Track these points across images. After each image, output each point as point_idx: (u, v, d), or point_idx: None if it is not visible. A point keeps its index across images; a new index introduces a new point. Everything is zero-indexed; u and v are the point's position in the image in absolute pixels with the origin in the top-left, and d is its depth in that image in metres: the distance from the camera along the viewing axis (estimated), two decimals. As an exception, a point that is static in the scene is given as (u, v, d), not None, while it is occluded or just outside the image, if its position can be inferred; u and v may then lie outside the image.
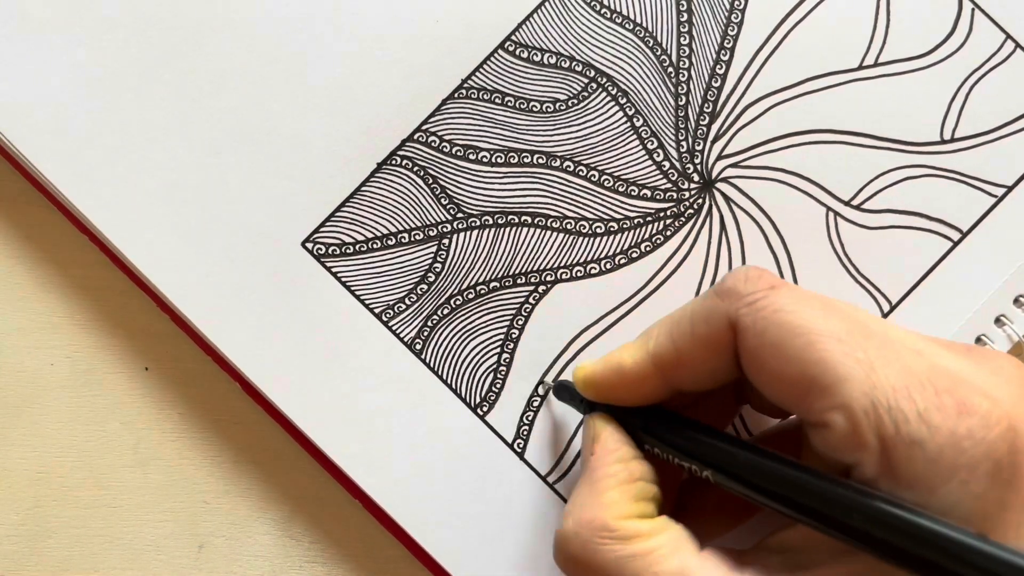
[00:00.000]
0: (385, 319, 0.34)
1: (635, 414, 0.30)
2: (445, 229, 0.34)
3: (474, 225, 0.34)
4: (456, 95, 0.35)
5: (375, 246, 0.34)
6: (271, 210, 0.34)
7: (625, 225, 0.34)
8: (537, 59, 0.35)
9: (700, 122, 0.35)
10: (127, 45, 0.35)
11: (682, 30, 0.35)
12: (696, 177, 0.35)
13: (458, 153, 0.35)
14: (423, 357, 0.34)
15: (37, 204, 0.36)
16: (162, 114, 0.35)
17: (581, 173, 0.35)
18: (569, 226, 0.34)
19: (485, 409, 0.34)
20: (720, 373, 0.28)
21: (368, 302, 0.34)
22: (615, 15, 0.35)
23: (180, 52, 0.35)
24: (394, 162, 0.35)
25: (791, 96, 0.35)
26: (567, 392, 0.32)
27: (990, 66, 0.35)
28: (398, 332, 0.34)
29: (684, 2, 0.35)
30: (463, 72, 0.35)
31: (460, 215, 0.34)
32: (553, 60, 0.35)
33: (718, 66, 0.35)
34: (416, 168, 0.35)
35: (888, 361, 0.25)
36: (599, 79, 0.35)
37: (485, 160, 0.35)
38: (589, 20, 0.35)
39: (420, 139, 0.35)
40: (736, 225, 0.34)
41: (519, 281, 0.34)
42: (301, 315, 0.34)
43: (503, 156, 0.35)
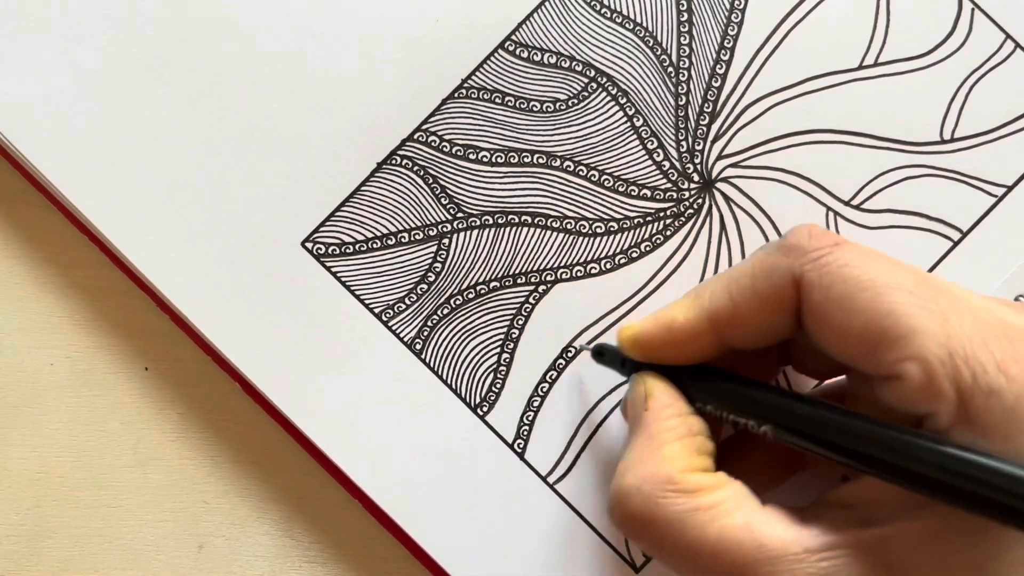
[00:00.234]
0: (385, 319, 0.34)
1: (684, 372, 0.29)
2: (445, 229, 0.34)
3: (474, 225, 0.34)
4: (456, 95, 0.35)
5: (375, 246, 0.34)
6: (271, 210, 0.34)
7: (625, 225, 0.34)
8: (537, 59, 0.35)
9: (700, 122, 0.35)
10: (127, 45, 0.35)
11: (682, 30, 0.35)
12: (696, 177, 0.35)
13: (458, 153, 0.35)
14: (423, 357, 0.34)
15: (37, 204, 0.36)
16: (162, 114, 0.35)
17: (581, 173, 0.35)
18: (569, 226, 0.34)
19: (485, 409, 0.34)
20: (777, 330, 0.28)
21: (368, 302, 0.34)
22: (615, 15, 0.35)
23: (180, 52, 0.35)
24: (394, 162, 0.35)
25: (791, 96, 0.35)
26: (607, 355, 0.32)
27: (990, 66, 0.35)
28: (398, 332, 0.34)
29: (684, 2, 0.35)
30: (463, 72, 0.35)
31: (460, 215, 0.34)
32: (553, 60, 0.35)
33: (718, 66, 0.35)
34: (416, 168, 0.35)
35: (960, 314, 0.25)
36: (599, 79, 0.35)
37: (485, 160, 0.35)
38: (589, 20, 0.35)
39: (420, 139, 0.35)
40: (736, 225, 0.34)
41: (519, 281, 0.34)
42: (301, 315, 0.34)
43: (503, 156, 0.35)
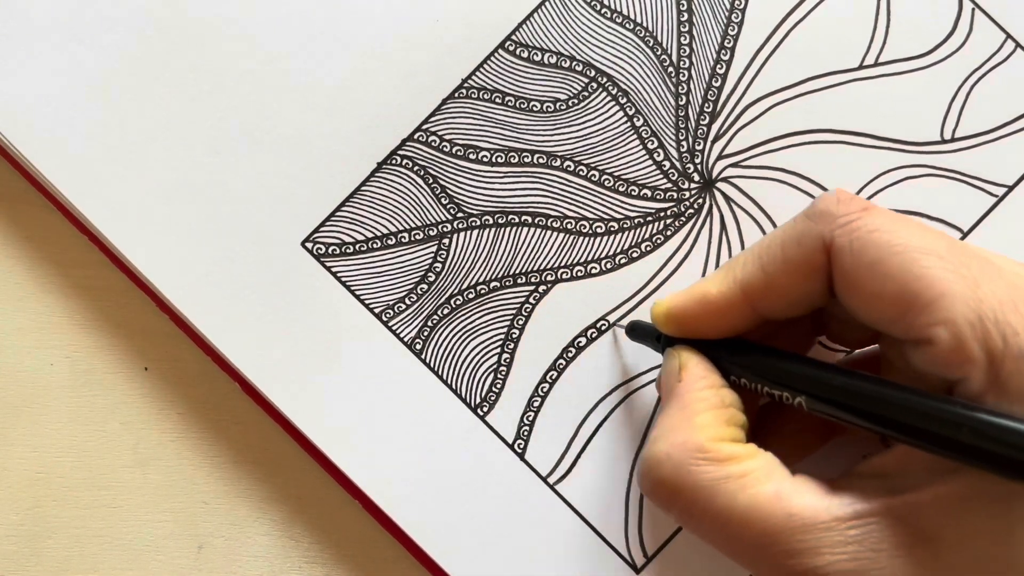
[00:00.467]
0: (385, 319, 0.34)
1: (718, 346, 0.29)
2: (445, 229, 0.34)
3: (474, 225, 0.34)
4: (456, 95, 0.35)
5: (375, 246, 0.34)
6: (271, 210, 0.34)
7: (625, 225, 0.34)
8: (537, 59, 0.35)
9: (700, 122, 0.35)
10: (127, 45, 0.35)
11: (682, 30, 0.35)
12: (696, 177, 0.35)
13: (458, 153, 0.35)
14: (423, 357, 0.34)
15: (37, 204, 0.36)
16: (162, 114, 0.35)
17: (581, 173, 0.35)
18: (569, 226, 0.34)
19: (485, 409, 0.34)
20: (810, 298, 0.28)
21: (368, 302, 0.34)
22: (615, 15, 0.35)
23: (180, 52, 0.35)
24: (394, 162, 0.35)
25: (791, 96, 0.35)
26: (640, 330, 0.32)
27: (990, 66, 0.35)
28: (398, 332, 0.34)
29: (684, 2, 0.35)
30: (463, 72, 0.35)
31: (460, 215, 0.34)
32: (553, 60, 0.35)
33: (718, 66, 0.35)
34: (416, 168, 0.35)
35: (991, 277, 0.25)
36: (599, 79, 0.35)
37: (485, 160, 0.35)
38: (589, 20, 0.35)
39: (420, 139, 0.35)
40: (736, 225, 0.34)
41: (519, 281, 0.34)
42: (301, 315, 0.34)
43: (503, 156, 0.35)
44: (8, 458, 0.35)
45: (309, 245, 0.34)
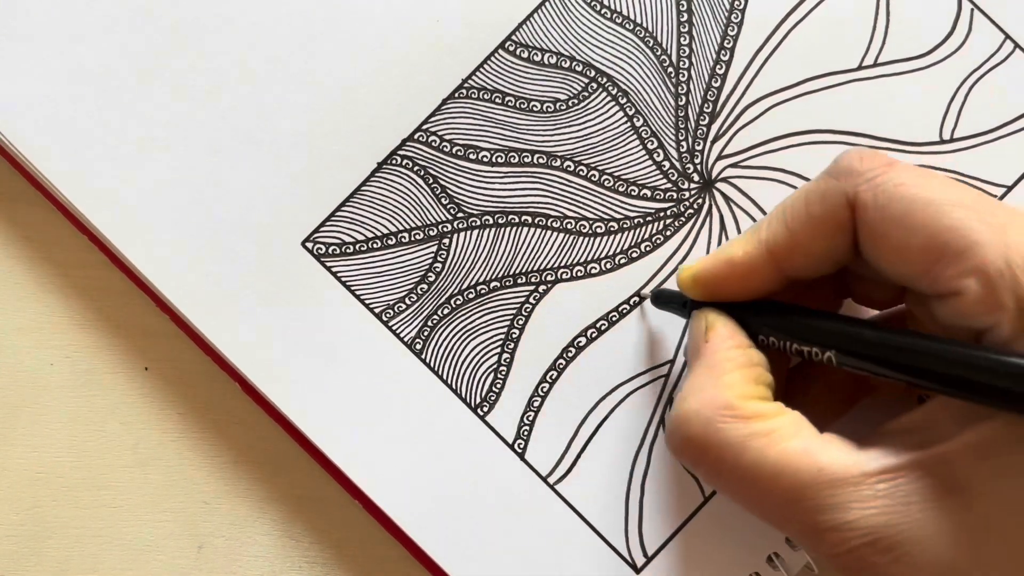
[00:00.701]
0: (385, 319, 0.34)
1: (744, 308, 0.29)
2: (445, 229, 0.34)
3: (474, 225, 0.34)
4: (456, 95, 0.35)
5: (375, 246, 0.34)
6: (271, 210, 0.34)
7: (625, 225, 0.34)
8: (537, 59, 0.35)
9: (700, 122, 0.35)
10: (127, 45, 0.35)
11: (682, 30, 0.35)
12: (696, 177, 0.35)
13: (458, 153, 0.35)
14: (423, 357, 0.34)
15: (37, 204, 0.36)
16: (162, 114, 0.35)
17: (581, 173, 0.35)
18: (569, 226, 0.34)
19: (485, 409, 0.34)
20: (835, 255, 0.28)
21: (368, 302, 0.34)
22: (615, 15, 0.35)
23: (180, 52, 0.35)
24: (394, 162, 0.35)
25: (791, 96, 0.35)
26: (666, 297, 0.32)
27: (989, 66, 0.35)
28: (398, 332, 0.34)
29: (684, 2, 0.35)
30: (463, 72, 0.35)
31: (460, 215, 0.34)
32: (553, 60, 0.35)
33: (718, 66, 0.35)
34: (416, 168, 0.35)
35: (1019, 226, 0.25)
36: (599, 79, 0.35)
37: (485, 160, 0.35)
38: (589, 20, 0.35)
39: (420, 139, 0.35)
40: (736, 225, 0.34)
41: (519, 281, 0.34)
42: (301, 315, 0.34)
43: (503, 156, 0.35)
44: (8, 458, 0.35)
45: (309, 245, 0.34)
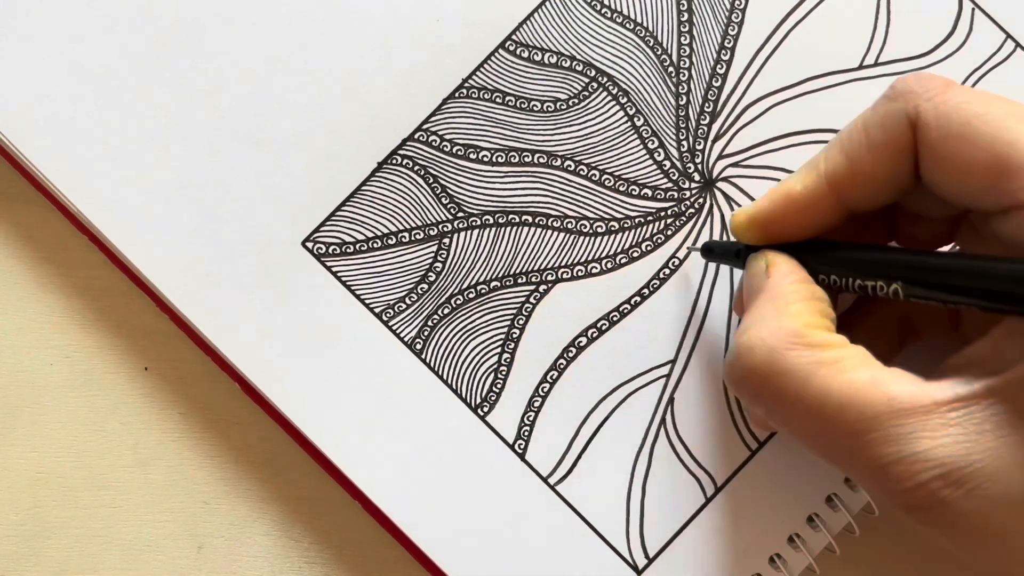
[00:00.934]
0: (385, 319, 0.34)
1: (801, 248, 0.29)
2: (446, 228, 0.34)
3: (475, 224, 0.34)
4: (457, 94, 0.35)
5: (375, 245, 0.34)
6: (271, 210, 0.34)
7: (626, 224, 0.34)
8: (538, 59, 0.35)
9: (701, 121, 0.35)
10: (127, 44, 0.35)
11: (683, 30, 0.35)
12: (697, 176, 0.35)
13: (459, 152, 0.35)
14: (423, 357, 0.34)
15: (37, 204, 0.36)
16: (162, 114, 0.35)
17: (582, 172, 0.35)
18: (570, 225, 0.34)
19: (486, 410, 0.34)
20: (896, 181, 0.27)
21: (368, 302, 0.34)
22: (616, 15, 0.35)
23: (180, 52, 0.35)
24: (395, 161, 0.35)
25: (791, 96, 0.35)
26: (718, 249, 0.32)
27: (990, 66, 0.35)
28: (398, 332, 0.34)
29: (684, 2, 0.35)
30: (464, 71, 0.35)
31: (461, 214, 0.34)
32: (554, 60, 0.35)
33: (718, 66, 0.35)
34: (417, 167, 0.35)
35: None
36: (600, 79, 0.35)
37: (486, 159, 0.35)
38: (590, 20, 0.35)
39: (421, 138, 0.35)
40: (737, 225, 0.34)
41: (520, 281, 0.34)
42: (301, 315, 0.34)
43: (504, 155, 0.35)
44: (8, 458, 0.35)
45: (309, 245, 0.34)
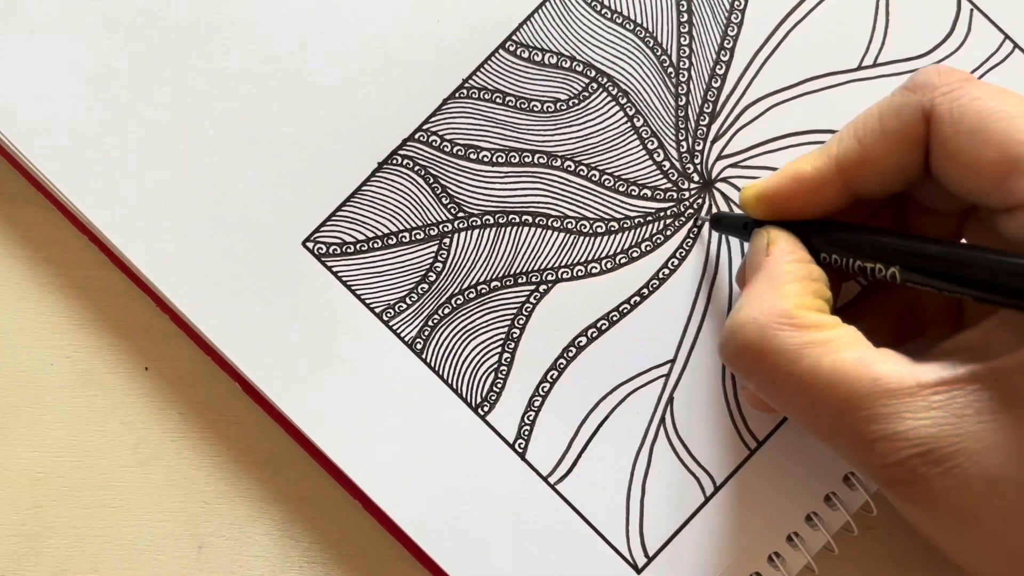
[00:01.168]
0: (385, 319, 0.34)
1: (807, 227, 0.29)
2: (446, 229, 0.34)
3: (475, 225, 0.34)
4: (457, 95, 0.35)
5: (376, 246, 0.34)
6: (271, 210, 0.34)
7: (625, 225, 0.34)
8: (538, 59, 0.35)
9: (700, 122, 0.35)
10: (127, 45, 0.35)
11: (682, 30, 0.35)
12: (696, 177, 0.35)
13: (459, 153, 0.35)
14: (423, 357, 0.34)
15: (37, 204, 0.36)
16: (162, 114, 0.35)
17: (582, 173, 0.35)
18: (570, 226, 0.34)
19: (486, 409, 0.34)
20: (905, 172, 0.28)
21: (368, 302, 0.34)
22: (615, 15, 0.35)
23: (180, 52, 0.35)
24: (395, 161, 0.35)
25: (791, 96, 0.35)
26: (726, 221, 0.32)
27: (989, 66, 0.35)
28: (398, 332, 0.34)
29: (684, 2, 0.35)
30: (464, 72, 0.35)
31: (461, 215, 0.34)
32: (554, 60, 0.35)
33: (718, 66, 0.35)
34: (417, 168, 0.35)
35: None
36: (600, 79, 0.35)
37: (486, 160, 0.35)
38: (589, 20, 0.35)
39: (421, 139, 0.35)
40: (736, 225, 0.34)
41: (520, 281, 0.34)
42: (301, 315, 0.34)
43: (504, 156, 0.35)
44: (8, 458, 0.35)
45: (310, 245, 0.34)
